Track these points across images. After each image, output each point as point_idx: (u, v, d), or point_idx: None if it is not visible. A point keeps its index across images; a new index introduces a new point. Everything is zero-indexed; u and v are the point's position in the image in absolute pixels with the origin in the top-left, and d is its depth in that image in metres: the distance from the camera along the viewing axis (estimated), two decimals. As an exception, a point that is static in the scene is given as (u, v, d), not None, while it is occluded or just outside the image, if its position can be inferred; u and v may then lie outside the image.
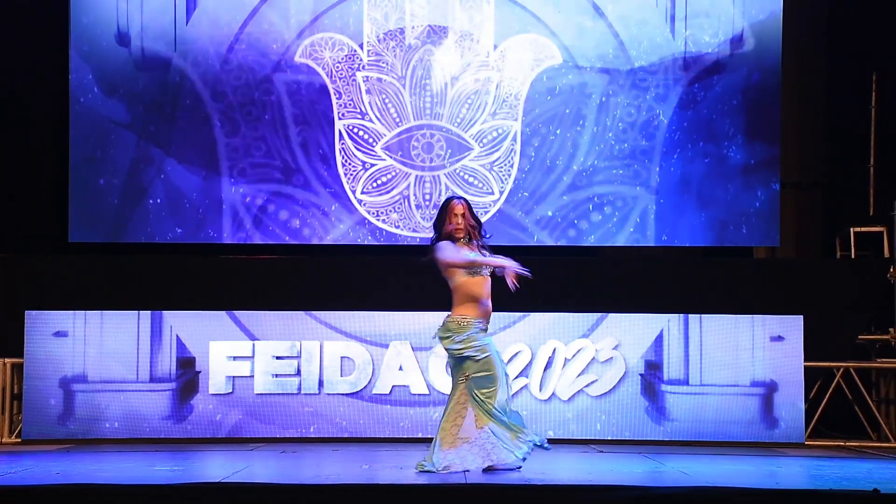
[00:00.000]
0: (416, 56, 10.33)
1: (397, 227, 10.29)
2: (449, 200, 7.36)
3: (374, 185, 10.30)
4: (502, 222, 10.28)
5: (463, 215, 7.27)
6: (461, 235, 7.27)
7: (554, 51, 10.36)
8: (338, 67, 10.30)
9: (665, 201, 10.34)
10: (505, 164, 10.36)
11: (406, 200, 10.31)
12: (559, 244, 10.32)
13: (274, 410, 9.44)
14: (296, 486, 6.35)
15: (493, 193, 10.34)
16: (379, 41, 10.31)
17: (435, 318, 7.40)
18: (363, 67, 10.31)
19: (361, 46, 10.29)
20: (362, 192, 10.29)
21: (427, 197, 10.31)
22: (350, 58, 10.29)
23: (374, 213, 10.29)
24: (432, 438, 7.27)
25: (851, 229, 10.54)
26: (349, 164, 10.30)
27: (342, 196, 10.29)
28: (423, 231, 10.19)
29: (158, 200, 10.23)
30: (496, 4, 10.33)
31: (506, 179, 10.35)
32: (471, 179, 10.34)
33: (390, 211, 10.30)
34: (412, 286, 9.33)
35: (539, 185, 10.36)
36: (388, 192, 10.31)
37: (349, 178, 10.29)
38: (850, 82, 11.05)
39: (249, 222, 10.25)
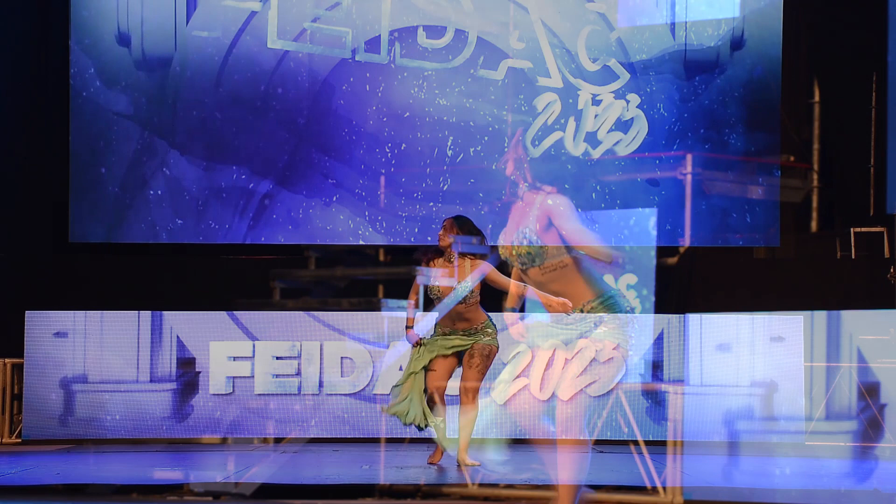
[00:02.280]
0: (417, 51, 10.33)
1: (400, 224, 10.29)
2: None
3: (376, 181, 10.29)
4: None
5: (445, 229, 7.91)
6: (444, 245, 7.92)
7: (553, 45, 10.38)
8: (342, 63, 10.29)
9: (666, 192, 10.33)
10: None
11: (410, 197, 10.29)
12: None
13: (274, 411, 9.44)
14: (296, 486, 6.35)
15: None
16: (381, 37, 10.30)
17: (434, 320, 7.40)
18: (366, 63, 10.30)
19: (366, 42, 10.28)
20: (364, 188, 10.28)
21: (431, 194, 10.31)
22: (354, 53, 10.28)
23: (375, 210, 10.28)
24: (433, 439, 7.39)
25: (851, 229, 10.53)
26: (352, 158, 10.29)
27: (344, 191, 10.27)
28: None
29: (159, 192, 10.22)
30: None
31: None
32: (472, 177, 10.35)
33: (393, 208, 10.29)
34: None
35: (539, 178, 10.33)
36: (390, 188, 10.30)
37: (352, 173, 10.28)
38: (850, 82, 11.03)
39: (251, 214, 10.24)
